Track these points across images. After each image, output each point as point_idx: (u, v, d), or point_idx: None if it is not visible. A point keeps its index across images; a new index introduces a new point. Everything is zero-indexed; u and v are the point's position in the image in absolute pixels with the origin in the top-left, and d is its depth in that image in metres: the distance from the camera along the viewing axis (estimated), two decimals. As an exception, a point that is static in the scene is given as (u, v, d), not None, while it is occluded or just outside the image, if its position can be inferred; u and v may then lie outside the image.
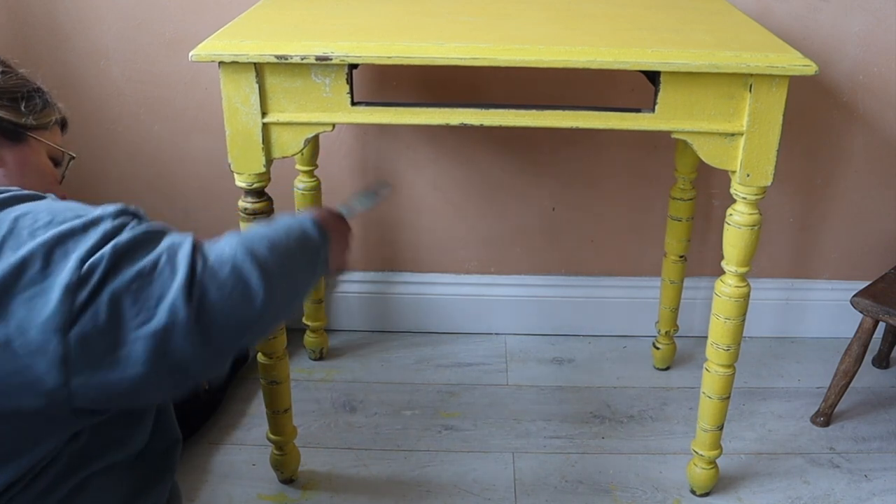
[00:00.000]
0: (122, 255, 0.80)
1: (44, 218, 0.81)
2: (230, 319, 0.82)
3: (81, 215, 0.83)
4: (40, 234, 0.79)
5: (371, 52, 1.15)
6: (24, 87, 1.04)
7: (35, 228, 0.80)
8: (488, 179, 1.91)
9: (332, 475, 1.60)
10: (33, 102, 1.05)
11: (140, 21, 1.75)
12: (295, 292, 0.96)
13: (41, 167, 1.06)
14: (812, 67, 1.13)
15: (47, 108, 1.07)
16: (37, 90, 1.06)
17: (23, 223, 0.80)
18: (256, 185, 1.25)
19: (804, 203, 1.93)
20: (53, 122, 1.08)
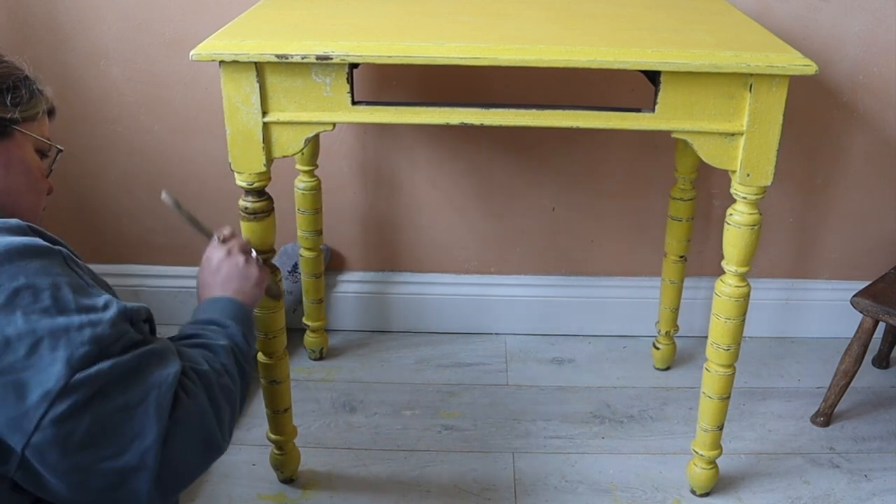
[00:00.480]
0: (112, 381, 0.79)
1: (45, 301, 0.78)
2: (191, 469, 0.87)
3: (83, 308, 0.80)
4: (34, 320, 0.77)
5: (371, 51, 1.15)
6: (10, 76, 0.98)
7: (32, 311, 0.77)
8: (488, 179, 1.91)
9: (332, 475, 1.60)
10: (19, 94, 0.98)
11: (140, 21, 1.75)
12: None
13: (27, 162, 0.99)
14: (812, 67, 1.13)
15: (34, 99, 1.00)
16: (23, 79, 1.00)
17: (21, 299, 0.77)
18: (257, 185, 1.25)
19: (804, 203, 1.93)
20: (41, 113, 1.02)
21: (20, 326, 0.76)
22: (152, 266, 2.01)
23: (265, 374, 1.44)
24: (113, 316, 0.82)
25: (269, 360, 1.43)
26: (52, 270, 0.82)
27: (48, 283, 0.80)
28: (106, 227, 1.98)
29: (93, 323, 0.80)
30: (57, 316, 0.78)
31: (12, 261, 0.79)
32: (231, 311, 1.09)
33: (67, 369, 0.76)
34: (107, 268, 1.99)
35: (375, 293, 2.03)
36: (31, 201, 0.99)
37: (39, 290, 0.79)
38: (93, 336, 0.79)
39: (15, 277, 0.78)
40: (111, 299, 0.85)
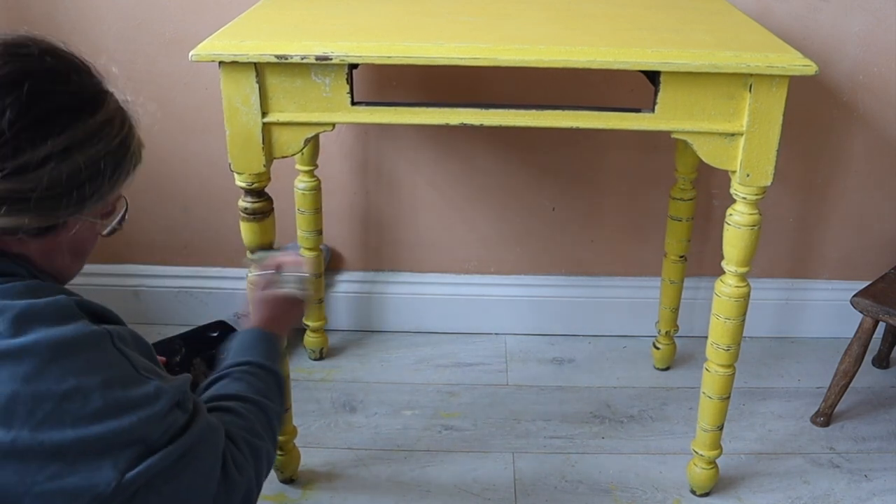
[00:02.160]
0: (161, 473, 0.78)
1: (95, 403, 0.74)
2: None
3: (133, 404, 0.77)
4: (84, 426, 0.74)
5: (371, 52, 1.15)
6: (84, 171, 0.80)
7: (82, 417, 0.74)
8: (488, 179, 1.91)
9: (332, 475, 1.60)
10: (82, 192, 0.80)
11: (140, 21, 1.75)
12: None
13: (77, 243, 0.87)
14: (812, 67, 1.13)
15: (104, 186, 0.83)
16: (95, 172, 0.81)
17: (71, 404, 0.74)
18: (256, 185, 1.25)
19: (804, 203, 1.93)
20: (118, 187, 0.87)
21: (70, 435, 0.73)
22: (152, 266, 2.01)
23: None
24: (163, 408, 0.80)
25: (269, 360, 1.43)
26: (102, 362, 0.78)
27: (98, 382, 0.76)
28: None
29: (144, 421, 0.77)
30: (108, 419, 0.75)
31: (60, 360, 0.74)
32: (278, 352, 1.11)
33: (117, 472, 0.75)
34: (107, 268, 1.99)
35: (375, 293, 2.03)
36: (74, 269, 0.91)
37: (89, 392, 0.75)
38: (144, 434, 0.77)
39: (63, 379, 0.74)
40: (160, 389, 0.80)
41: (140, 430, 0.77)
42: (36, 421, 0.72)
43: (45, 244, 0.84)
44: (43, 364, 0.73)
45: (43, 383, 0.73)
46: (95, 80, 0.86)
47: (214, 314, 1.90)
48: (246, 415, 0.96)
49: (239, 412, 0.95)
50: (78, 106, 0.81)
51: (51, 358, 0.74)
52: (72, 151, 0.79)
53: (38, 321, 0.75)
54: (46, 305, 0.77)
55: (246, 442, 0.92)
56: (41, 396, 0.73)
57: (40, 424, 0.73)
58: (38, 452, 0.73)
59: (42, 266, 0.85)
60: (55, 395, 0.73)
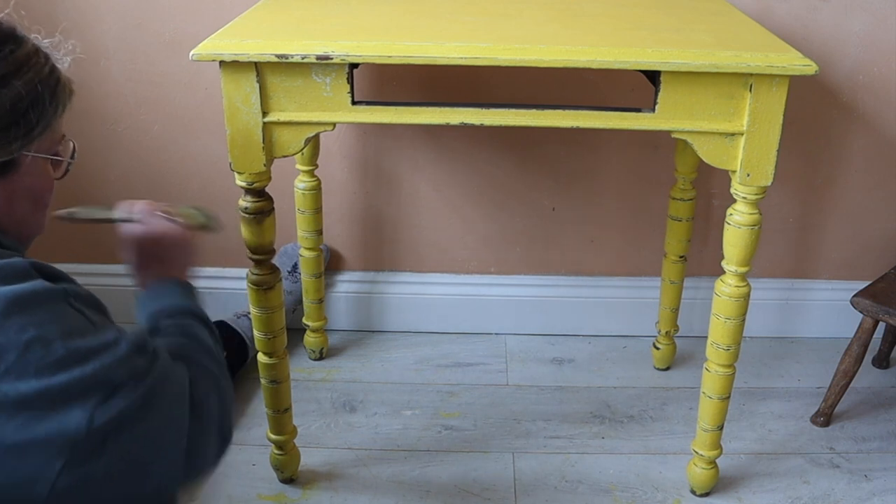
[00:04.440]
0: (130, 415, 0.80)
1: (57, 352, 0.77)
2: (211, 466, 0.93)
3: (94, 350, 0.79)
4: (48, 376, 0.76)
5: (371, 51, 1.15)
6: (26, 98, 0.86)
7: (45, 366, 0.76)
8: (488, 179, 1.91)
9: (332, 475, 1.60)
10: (29, 119, 0.87)
11: (140, 21, 1.75)
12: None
13: (33, 188, 0.92)
14: (812, 67, 1.13)
15: (47, 112, 0.89)
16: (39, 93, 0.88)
17: (33, 354, 0.76)
18: (256, 185, 1.25)
19: (804, 203, 1.93)
20: (58, 118, 0.93)
21: (35, 385, 0.75)
22: (152, 266, 2.01)
23: (265, 374, 1.44)
24: (125, 352, 0.82)
25: (270, 360, 1.43)
26: (59, 315, 0.80)
27: (58, 332, 0.78)
28: (105, 227, 1.97)
29: (106, 366, 0.80)
30: (71, 367, 0.77)
31: (19, 312, 0.77)
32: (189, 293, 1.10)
33: (86, 417, 0.76)
34: (107, 268, 1.99)
35: (375, 293, 2.03)
36: (37, 220, 0.95)
37: (50, 341, 0.77)
38: (108, 378, 0.79)
39: (24, 330, 0.76)
40: (119, 335, 0.84)
41: (104, 374, 0.79)
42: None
43: (2, 190, 0.88)
44: (1, 317, 0.76)
45: (3, 335, 0.75)
46: (8, 23, 0.92)
47: (214, 314, 1.88)
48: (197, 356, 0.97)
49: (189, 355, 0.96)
50: (1, 40, 0.87)
51: (8, 311, 0.76)
52: (8, 79, 0.85)
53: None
54: (3, 266, 0.80)
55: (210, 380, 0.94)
56: (2, 348, 0.75)
57: (4, 376, 0.74)
58: (3, 405, 0.74)
59: (4, 220, 0.89)
60: (16, 346, 0.75)
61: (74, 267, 2.00)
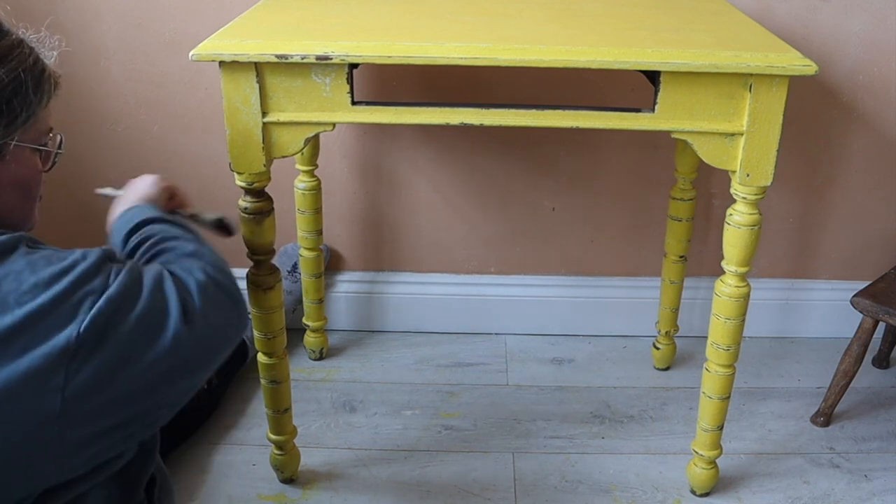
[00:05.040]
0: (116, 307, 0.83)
1: (28, 280, 0.81)
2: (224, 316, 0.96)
3: (65, 270, 0.83)
4: (27, 302, 0.79)
5: (371, 51, 1.15)
6: (8, 85, 0.87)
7: (21, 293, 0.80)
8: (488, 179, 1.91)
9: (332, 475, 1.60)
10: (12, 108, 0.88)
11: (140, 21, 1.75)
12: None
13: (19, 178, 0.93)
14: (812, 67, 1.13)
15: (32, 102, 0.90)
16: (21, 83, 0.89)
17: (7, 286, 0.80)
18: (256, 185, 1.25)
19: (804, 203, 1.93)
20: (43, 108, 0.93)
21: (19, 314, 0.78)
22: (152, 266, 2.01)
23: (265, 374, 1.44)
24: (95, 261, 0.86)
25: (269, 360, 1.43)
26: (22, 253, 0.84)
27: (24, 264, 0.82)
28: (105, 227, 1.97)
29: (81, 278, 0.83)
30: (47, 289, 0.81)
31: None
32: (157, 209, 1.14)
33: (76, 324, 0.80)
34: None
35: (375, 293, 2.03)
36: (25, 212, 0.97)
37: (20, 273, 0.81)
38: (87, 288, 0.83)
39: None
40: (85, 251, 0.87)
41: (80, 285, 0.82)
42: None
43: None
44: None
45: None
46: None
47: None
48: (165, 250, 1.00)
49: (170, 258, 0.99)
50: None
51: None
52: None
53: None
54: None
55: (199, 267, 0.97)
56: None
57: None
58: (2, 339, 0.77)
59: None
60: None
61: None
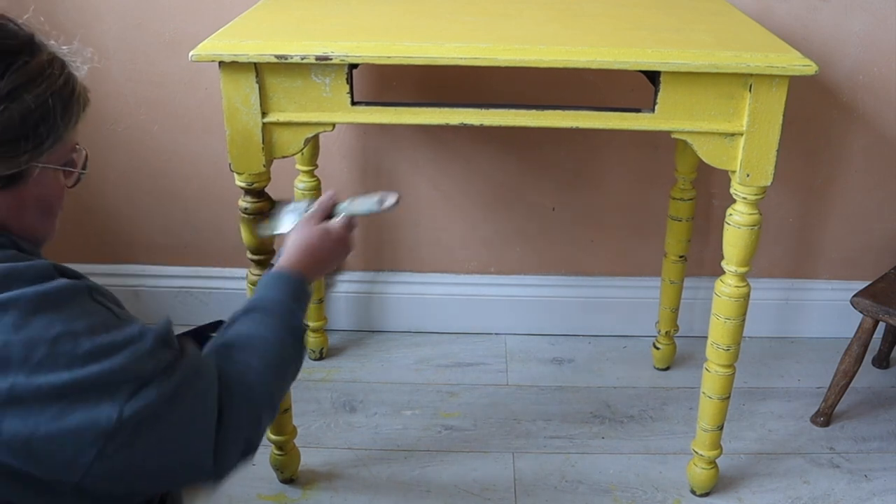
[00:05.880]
0: (159, 409, 0.81)
1: (84, 346, 0.78)
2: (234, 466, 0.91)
3: (121, 344, 0.80)
4: (78, 369, 0.77)
5: (371, 52, 1.15)
6: (35, 111, 0.84)
7: (74, 360, 0.77)
8: (488, 179, 1.91)
9: (332, 475, 1.60)
10: (38, 134, 0.85)
11: (140, 21, 1.75)
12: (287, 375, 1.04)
13: (43, 198, 0.91)
14: (812, 67, 1.13)
15: (59, 127, 0.87)
16: (46, 111, 0.85)
17: (62, 348, 0.77)
18: (256, 185, 1.25)
19: (804, 203, 1.93)
20: (70, 130, 0.90)
21: (66, 377, 0.77)
22: (152, 266, 2.01)
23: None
24: (150, 345, 0.83)
25: (269, 360, 1.42)
26: (84, 311, 0.82)
27: (85, 327, 0.80)
28: (105, 227, 1.98)
29: (134, 358, 0.81)
30: (100, 359, 0.78)
31: (46, 310, 0.79)
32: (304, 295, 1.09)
33: (117, 408, 0.78)
34: (107, 268, 1.99)
35: (375, 293, 2.03)
36: (46, 227, 0.95)
37: (77, 336, 0.78)
38: (136, 370, 0.80)
39: (51, 325, 0.78)
40: (144, 328, 0.85)
41: (132, 367, 0.80)
42: (31, 366, 0.76)
43: (12, 200, 0.87)
44: (29, 314, 0.78)
45: (32, 330, 0.77)
46: (26, 29, 0.88)
47: (214, 314, 1.88)
48: (249, 360, 0.96)
49: (238, 358, 0.95)
50: (15, 50, 0.84)
51: (35, 308, 0.78)
52: (19, 92, 0.82)
53: (19, 280, 0.80)
54: (27, 268, 0.82)
55: (244, 387, 0.93)
56: (32, 342, 0.77)
57: (36, 369, 0.76)
58: (36, 396, 0.76)
59: (14, 227, 0.89)
60: (46, 340, 0.77)
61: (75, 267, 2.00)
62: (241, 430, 0.90)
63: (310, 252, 1.13)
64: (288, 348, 1.01)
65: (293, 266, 1.10)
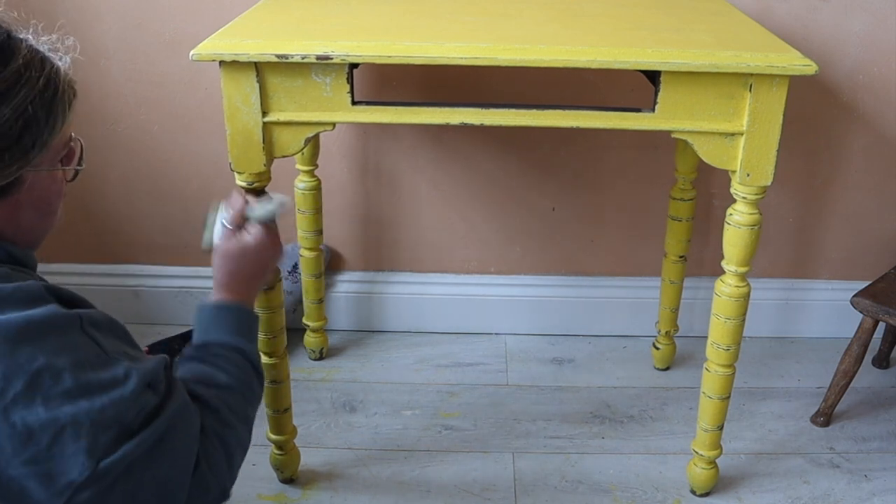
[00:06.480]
0: (138, 459, 0.78)
1: (66, 383, 0.75)
2: None
3: (104, 385, 0.77)
4: (55, 406, 0.74)
5: (371, 51, 1.15)
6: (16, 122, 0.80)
7: (53, 396, 0.74)
8: (488, 179, 1.91)
9: (332, 475, 1.60)
10: (22, 144, 0.81)
11: (140, 21, 1.75)
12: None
13: (40, 199, 0.88)
14: (812, 67, 1.13)
15: (44, 131, 0.83)
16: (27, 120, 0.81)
17: (41, 382, 0.74)
18: (256, 185, 1.25)
19: (804, 203, 1.93)
20: (57, 132, 0.87)
21: (42, 416, 0.74)
22: (151, 266, 2.01)
23: (265, 374, 1.44)
24: (134, 389, 0.79)
25: (270, 360, 1.43)
26: (71, 344, 0.78)
27: (68, 362, 0.76)
28: (105, 227, 1.98)
29: (115, 402, 0.77)
30: (79, 399, 0.75)
31: (30, 340, 0.75)
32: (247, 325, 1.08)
33: (92, 459, 0.75)
34: (106, 268, 1.99)
35: (375, 293, 2.03)
36: (45, 226, 0.92)
37: (59, 371, 0.75)
38: (116, 416, 0.77)
39: (34, 358, 0.75)
40: (129, 370, 0.80)
41: (111, 411, 0.77)
42: (7, 401, 0.73)
43: (6, 208, 0.84)
44: (12, 344, 0.74)
45: (13, 362, 0.74)
46: (1, 29, 0.84)
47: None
48: (214, 404, 0.93)
49: (207, 400, 0.92)
50: None
51: (20, 338, 0.74)
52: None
53: (6, 304, 0.76)
54: (15, 290, 0.78)
55: (216, 433, 0.90)
56: (11, 375, 0.73)
57: (12, 404, 0.73)
58: (10, 434, 0.73)
59: (10, 233, 0.85)
60: (25, 373, 0.74)
61: (75, 267, 2.00)
62: (215, 481, 0.88)
63: (236, 276, 1.10)
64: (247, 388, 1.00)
65: (227, 298, 1.08)
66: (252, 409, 1.01)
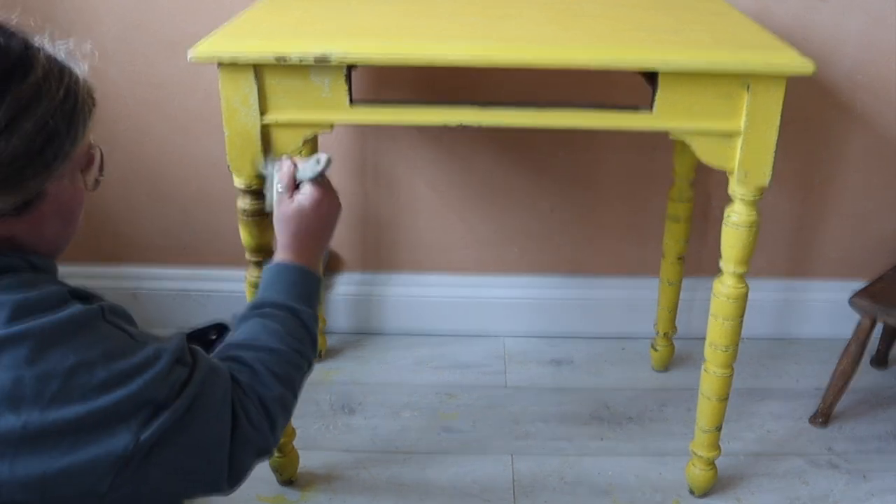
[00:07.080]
0: (172, 428, 0.80)
1: (99, 375, 0.76)
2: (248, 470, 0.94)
3: (136, 369, 0.79)
4: (93, 400, 0.76)
5: (370, 52, 1.15)
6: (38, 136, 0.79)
7: (89, 391, 0.76)
8: (487, 180, 1.91)
9: (331, 477, 1.60)
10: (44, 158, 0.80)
11: (139, 22, 1.75)
12: None
13: (62, 209, 0.88)
14: (809, 67, 1.13)
15: (65, 143, 0.82)
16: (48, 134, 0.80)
17: (76, 380, 0.75)
18: (255, 186, 1.25)
19: (803, 203, 1.93)
20: (79, 143, 0.86)
21: (80, 411, 0.75)
22: (151, 267, 2.01)
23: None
24: (165, 367, 0.81)
25: (268, 361, 1.42)
26: (99, 336, 0.80)
27: (99, 355, 0.78)
28: (104, 228, 1.97)
29: (148, 383, 0.79)
30: (115, 389, 0.77)
31: (60, 342, 0.76)
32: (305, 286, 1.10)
33: (132, 435, 0.77)
34: (105, 269, 1.99)
35: (374, 294, 2.03)
36: (68, 233, 0.92)
37: (92, 366, 0.77)
38: (153, 394, 0.79)
39: (65, 357, 0.76)
40: (160, 348, 0.83)
41: (147, 392, 0.79)
42: (45, 401, 0.74)
43: (30, 221, 0.84)
44: (42, 346, 0.75)
45: (46, 364, 0.75)
46: (17, 39, 0.82)
47: (213, 316, 1.88)
48: (254, 367, 0.95)
49: (248, 363, 0.95)
50: (7, 72, 0.78)
51: (49, 340, 0.76)
52: (17, 121, 0.77)
53: (33, 311, 0.77)
54: (40, 296, 0.79)
55: (255, 393, 0.92)
56: (46, 376, 0.75)
57: (49, 404, 0.74)
58: (50, 433, 0.74)
59: (34, 244, 0.86)
60: (59, 373, 0.75)
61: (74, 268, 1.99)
62: (256, 438, 0.90)
63: (298, 236, 1.11)
64: (294, 351, 1.01)
65: (289, 259, 1.10)
66: (297, 372, 1.02)
